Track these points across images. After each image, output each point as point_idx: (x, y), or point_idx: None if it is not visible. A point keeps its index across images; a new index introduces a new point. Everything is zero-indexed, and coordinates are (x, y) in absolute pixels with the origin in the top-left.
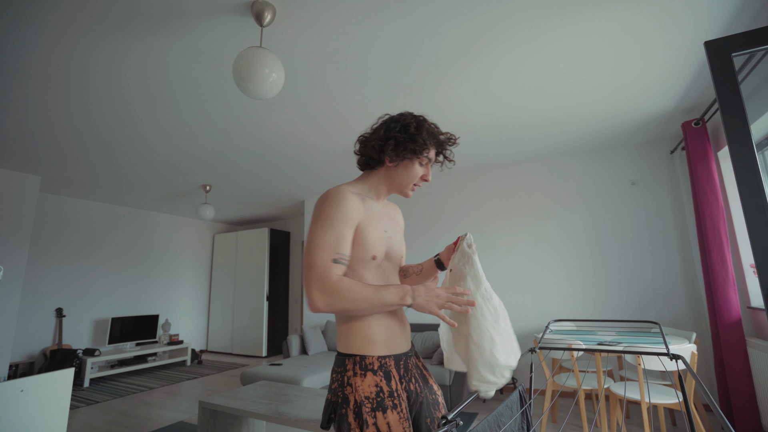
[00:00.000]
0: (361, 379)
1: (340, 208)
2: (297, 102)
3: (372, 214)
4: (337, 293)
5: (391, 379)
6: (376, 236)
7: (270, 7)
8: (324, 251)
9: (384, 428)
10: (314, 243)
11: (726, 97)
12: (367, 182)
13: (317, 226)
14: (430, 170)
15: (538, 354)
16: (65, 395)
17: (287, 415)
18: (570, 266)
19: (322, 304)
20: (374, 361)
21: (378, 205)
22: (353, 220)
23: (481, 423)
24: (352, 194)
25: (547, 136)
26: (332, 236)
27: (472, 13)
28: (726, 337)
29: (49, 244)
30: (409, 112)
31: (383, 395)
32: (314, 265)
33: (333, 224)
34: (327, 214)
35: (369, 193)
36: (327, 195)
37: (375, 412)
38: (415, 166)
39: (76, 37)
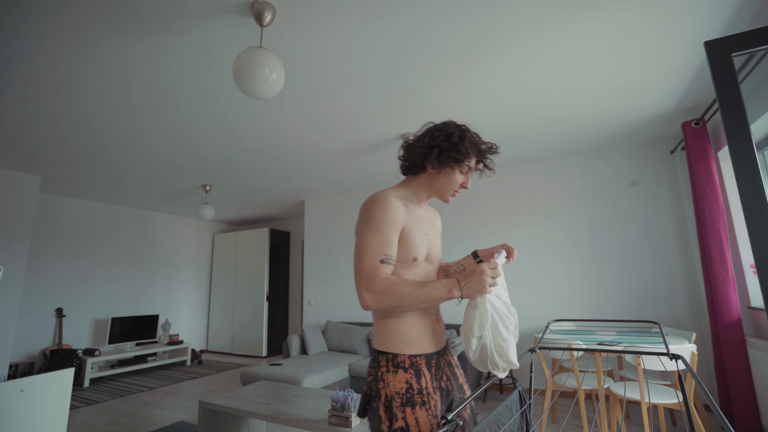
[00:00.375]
0: (393, 375)
1: (386, 212)
2: (297, 102)
3: (414, 218)
4: (384, 292)
5: (422, 377)
6: (419, 239)
7: (270, 7)
8: (372, 253)
9: (412, 422)
10: (363, 245)
11: (726, 97)
12: (409, 187)
13: (365, 230)
14: (470, 178)
15: (538, 354)
16: (65, 395)
17: (287, 415)
18: (570, 266)
19: (372, 302)
20: (405, 360)
21: (419, 209)
22: (398, 224)
23: (480, 423)
24: (396, 199)
25: (547, 136)
26: (380, 239)
27: (473, 13)
28: (726, 337)
29: (49, 244)
30: (452, 121)
31: (413, 392)
32: (363, 267)
33: (380, 228)
34: (373, 218)
35: (411, 198)
36: (373, 199)
37: (404, 407)
38: (456, 174)
39: (77, 38)
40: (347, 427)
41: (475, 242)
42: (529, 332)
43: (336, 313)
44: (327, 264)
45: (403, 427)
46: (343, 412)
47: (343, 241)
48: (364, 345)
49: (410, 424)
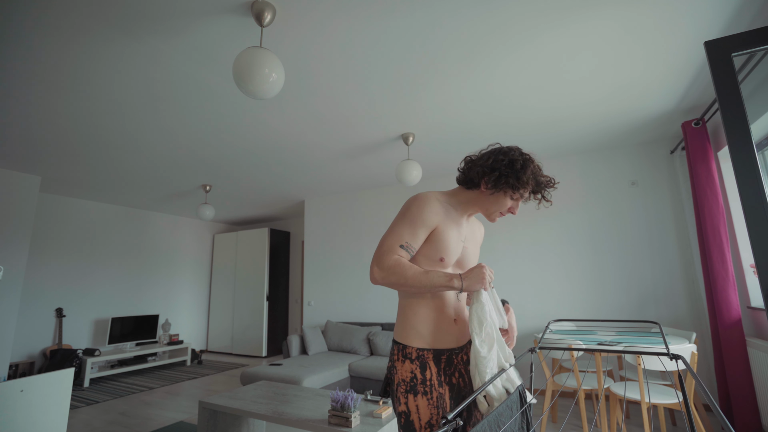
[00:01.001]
0: (401, 364)
1: (422, 209)
2: (297, 102)
3: (452, 222)
4: (391, 269)
5: (427, 369)
6: (451, 241)
7: (270, 7)
8: (396, 237)
9: (413, 409)
10: (391, 230)
11: (726, 97)
12: (458, 197)
13: (399, 220)
14: (519, 205)
15: (538, 354)
16: (65, 395)
17: (287, 415)
18: (570, 266)
19: (378, 276)
20: (413, 351)
21: (461, 217)
22: (432, 222)
23: (481, 423)
24: (437, 200)
25: (548, 135)
26: (408, 230)
27: (473, 14)
28: (726, 337)
29: (49, 244)
30: (518, 148)
31: (416, 381)
32: (383, 245)
33: (412, 221)
34: (411, 212)
35: (457, 206)
36: (416, 197)
37: (408, 393)
38: (507, 199)
39: (78, 39)
40: (347, 427)
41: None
42: (529, 332)
43: (336, 313)
44: (327, 264)
45: (405, 411)
46: (343, 412)
47: (343, 241)
48: (364, 345)
49: (411, 410)
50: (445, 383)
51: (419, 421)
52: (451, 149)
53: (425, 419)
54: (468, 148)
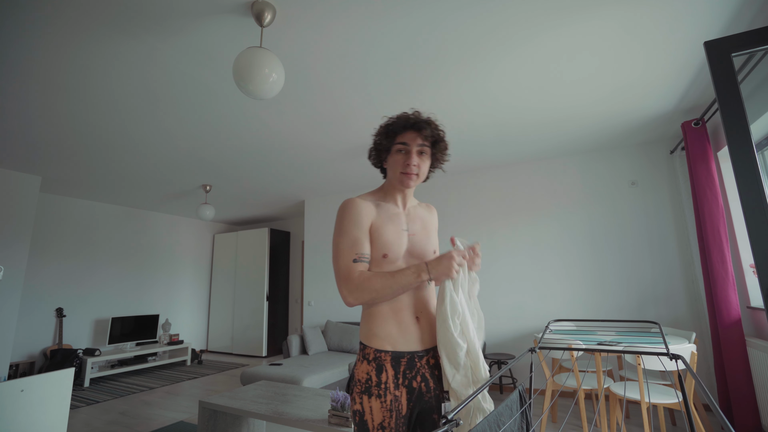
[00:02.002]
0: (360, 364)
1: (350, 214)
2: (297, 102)
3: (386, 216)
4: (359, 287)
5: (383, 372)
6: (390, 235)
7: (270, 7)
8: (344, 255)
9: (367, 410)
10: (335, 250)
11: (726, 97)
12: (383, 189)
13: (336, 235)
14: (413, 156)
15: (538, 354)
16: (65, 395)
17: (287, 415)
18: (570, 266)
19: (352, 299)
20: (371, 353)
21: (396, 208)
22: (364, 223)
23: (480, 422)
24: (361, 201)
25: (547, 136)
26: (348, 241)
27: (473, 13)
28: (726, 337)
29: (49, 244)
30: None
31: (371, 383)
32: (339, 269)
33: (347, 231)
34: (340, 223)
35: (385, 198)
36: (341, 206)
37: (362, 394)
38: (394, 156)
39: (77, 38)
40: (347, 427)
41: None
42: (529, 332)
43: (336, 313)
44: (327, 264)
45: (360, 411)
46: (343, 412)
47: None
48: None
49: (365, 411)
50: (403, 386)
51: (372, 422)
52: (451, 149)
53: (378, 421)
54: (468, 148)
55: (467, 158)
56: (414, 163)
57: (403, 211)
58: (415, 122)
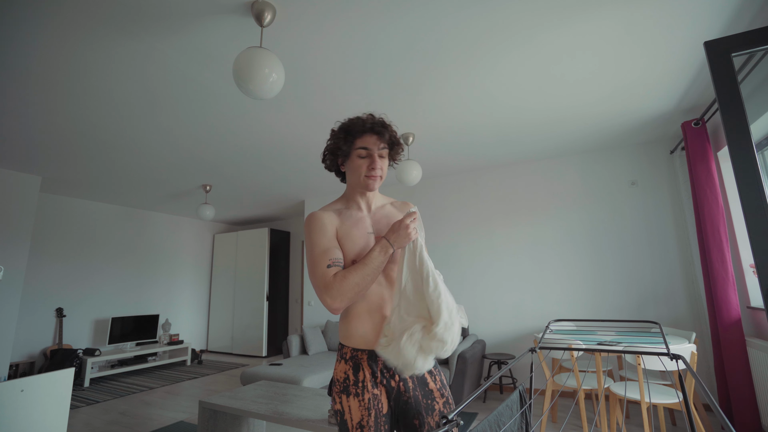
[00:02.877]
0: (338, 363)
1: (315, 227)
2: (297, 102)
3: (350, 222)
4: (340, 290)
5: (360, 371)
6: (356, 240)
7: (270, 7)
8: (318, 265)
9: (346, 408)
10: (309, 264)
11: (726, 97)
12: (345, 195)
13: (307, 249)
14: (377, 160)
15: (538, 354)
16: (65, 395)
17: (287, 415)
18: (570, 266)
19: (337, 304)
20: (348, 352)
21: (360, 212)
22: (330, 230)
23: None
24: (323, 212)
25: (547, 136)
26: (319, 250)
27: (472, 13)
28: (726, 337)
29: (49, 244)
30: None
31: (349, 382)
32: (316, 279)
33: (315, 242)
34: (309, 237)
35: (349, 204)
36: (305, 222)
37: (341, 394)
38: (354, 161)
39: (77, 38)
40: None
41: (475, 242)
42: (529, 332)
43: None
44: None
45: (340, 410)
46: None
47: None
48: None
49: (345, 410)
50: (381, 385)
51: (351, 421)
52: (451, 149)
53: (356, 420)
54: (468, 148)
55: (467, 158)
56: (379, 167)
57: (367, 213)
58: (373, 126)
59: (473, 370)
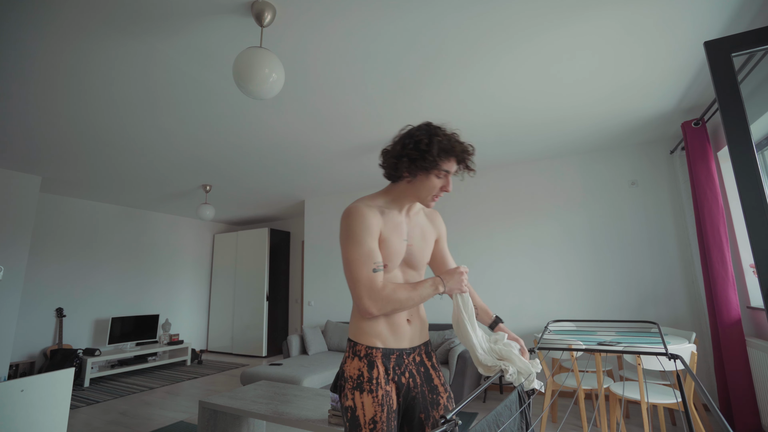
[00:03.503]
0: (351, 360)
1: (361, 223)
2: (297, 102)
3: (391, 224)
4: (385, 299)
5: (374, 368)
6: (394, 245)
7: (270, 7)
8: (363, 265)
9: (359, 405)
10: (352, 260)
11: (726, 97)
12: (389, 194)
13: (348, 244)
14: (450, 180)
15: (538, 354)
16: (65, 395)
17: (287, 415)
18: (570, 266)
19: (375, 309)
20: (362, 349)
21: (400, 216)
22: (375, 232)
23: (480, 422)
24: (368, 208)
25: (547, 136)
26: (364, 250)
27: (472, 13)
28: (726, 337)
29: (49, 244)
30: (425, 124)
31: (363, 379)
32: (360, 279)
33: (360, 240)
34: (353, 231)
35: (391, 205)
36: (348, 213)
37: (354, 390)
38: (431, 180)
39: (77, 38)
40: None
41: (475, 242)
42: (528, 332)
43: (336, 313)
44: (327, 264)
45: (352, 406)
46: None
47: None
48: None
49: (357, 406)
50: (392, 381)
51: (364, 417)
52: None
53: (369, 416)
54: None
55: None
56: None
57: (406, 219)
58: (462, 153)
59: (473, 369)
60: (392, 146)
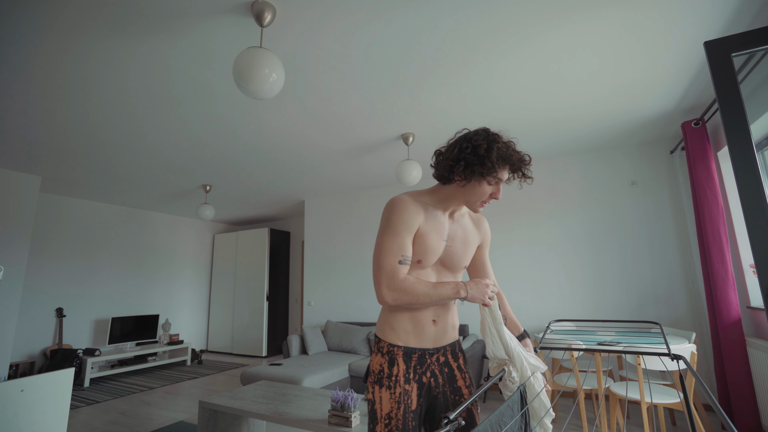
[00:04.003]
0: (375, 356)
1: (402, 215)
2: (297, 102)
3: (432, 223)
4: (402, 290)
5: (395, 365)
6: (432, 242)
7: (270, 7)
8: (391, 254)
9: (377, 399)
10: (383, 247)
11: (726, 97)
12: (437, 194)
13: (384, 233)
14: (501, 189)
15: (539, 354)
16: (65, 395)
17: (287, 415)
18: (570, 266)
19: (390, 298)
20: (384, 346)
21: (443, 216)
22: (414, 225)
23: (483, 423)
24: (413, 202)
25: (547, 136)
26: (397, 241)
27: (472, 13)
28: (726, 337)
29: (49, 244)
30: (483, 130)
31: (383, 374)
32: (383, 266)
33: (396, 231)
34: (391, 221)
35: (437, 205)
36: (392, 203)
37: (374, 384)
38: (483, 186)
39: (77, 38)
40: (347, 427)
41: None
42: (529, 332)
43: (336, 313)
44: (327, 264)
45: (372, 399)
46: (343, 412)
47: (343, 241)
48: (364, 345)
49: (376, 400)
50: (414, 381)
51: (381, 411)
52: None
53: (385, 411)
54: None
55: None
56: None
57: (449, 220)
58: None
59: (473, 370)
60: (448, 148)
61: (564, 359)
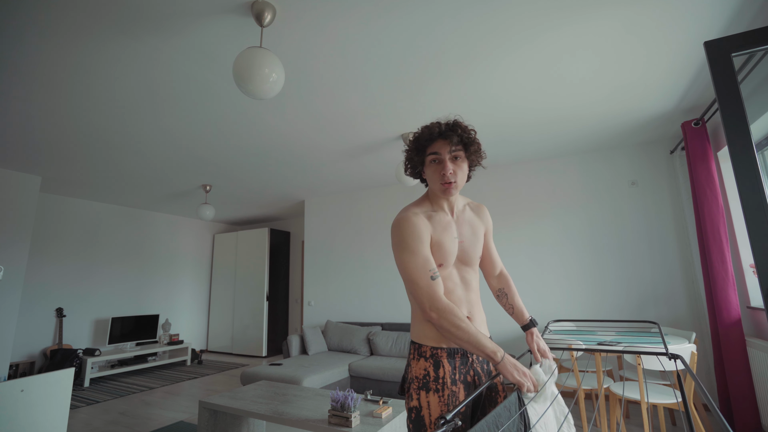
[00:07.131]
0: (416, 362)
1: (412, 232)
2: (297, 102)
3: (440, 226)
4: (445, 316)
5: (440, 367)
6: (447, 245)
7: (270, 7)
8: (421, 274)
9: (425, 404)
10: (408, 270)
11: (726, 97)
12: (428, 198)
13: (403, 254)
14: (447, 165)
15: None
16: (65, 395)
17: (287, 415)
18: (570, 266)
19: (435, 316)
20: (427, 350)
21: (446, 215)
22: (427, 239)
23: (479, 423)
24: (415, 216)
25: (547, 136)
26: (420, 259)
27: (473, 13)
28: (726, 337)
29: (49, 244)
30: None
31: (429, 378)
32: (421, 289)
33: (414, 249)
34: (405, 240)
35: (434, 207)
36: (397, 223)
37: (420, 390)
38: (432, 168)
39: (78, 39)
40: (347, 427)
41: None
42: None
43: (336, 313)
44: (327, 264)
45: (417, 406)
46: (343, 412)
47: (343, 241)
48: (364, 345)
49: (423, 406)
50: (460, 381)
51: (429, 417)
52: None
53: (435, 415)
54: None
55: None
56: (449, 172)
57: (452, 218)
58: (440, 131)
59: None
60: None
61: (564, 359)
